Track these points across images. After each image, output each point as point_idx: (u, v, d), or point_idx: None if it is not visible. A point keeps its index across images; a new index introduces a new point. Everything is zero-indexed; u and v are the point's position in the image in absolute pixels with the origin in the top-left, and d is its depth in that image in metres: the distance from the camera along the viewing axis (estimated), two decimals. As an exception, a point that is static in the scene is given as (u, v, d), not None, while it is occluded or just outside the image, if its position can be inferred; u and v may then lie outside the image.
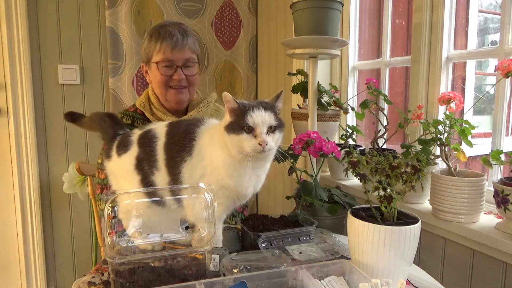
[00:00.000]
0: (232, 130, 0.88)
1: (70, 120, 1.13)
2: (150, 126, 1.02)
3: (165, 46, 1.37)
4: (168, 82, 1.40)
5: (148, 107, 1.45)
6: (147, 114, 1.43)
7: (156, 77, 1.40)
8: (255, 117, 0.88)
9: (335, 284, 0.80)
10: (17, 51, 2.11)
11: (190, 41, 1.42)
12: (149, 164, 0.96)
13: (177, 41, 1.37)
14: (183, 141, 0.95)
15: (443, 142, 1.23)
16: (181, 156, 0.94)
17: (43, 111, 2.23)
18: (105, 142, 1.06)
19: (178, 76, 1.39)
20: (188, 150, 0.94)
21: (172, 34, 1.37)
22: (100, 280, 0.91)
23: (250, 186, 0.96)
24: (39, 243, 2.25)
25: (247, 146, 0.87)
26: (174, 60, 1.38)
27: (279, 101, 0.95)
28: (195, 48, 1.44)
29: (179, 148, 0.94)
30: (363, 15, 1.99)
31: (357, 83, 2.00)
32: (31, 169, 2.20)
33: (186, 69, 1.41)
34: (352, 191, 1.59)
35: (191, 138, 0.95)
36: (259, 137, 0.87)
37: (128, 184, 0.99)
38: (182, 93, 1.42)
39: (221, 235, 1.01)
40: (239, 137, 0.88)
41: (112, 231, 0.85)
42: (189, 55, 1.41)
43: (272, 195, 2.44)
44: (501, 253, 1.06)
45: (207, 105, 1.50)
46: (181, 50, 1.38)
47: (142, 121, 1.43)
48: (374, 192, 0.89)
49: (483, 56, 1.40)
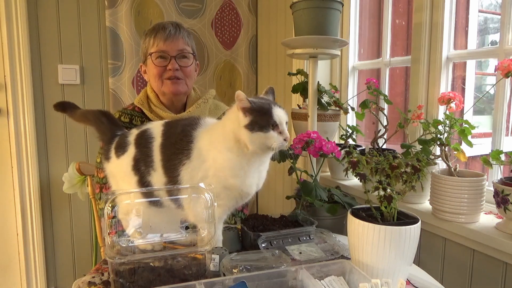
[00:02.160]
0: (259, 128, 0.88)
1: (60, 110, 1.11)
2: (147, 125, 1.02)
3: (158, 38, 1.39)
4: (163, 73, 1.40)
5: (147, 104, 1.45)
6: (145, 111, 1.43)
7: (151, 70, 1.41)
8: (278, 114, 0.91)
9: (335, 284, 0.80)
10: (17, 51, 2.11)
11: (184, 34, 1.43)
12: (146, 165, 0.96)
13: (170, 32, 1.39)
14: (181, 144, 0.94)
15: (443, 142, 1.23)
16: (179, 159, 0.93)
17: (43, 111, 2.23)
18: (104, 143, 1.05)
19: (172, 66, 1.39)
20: (186, 153, 0.93)
21: (165, 27, 1.40)
22: (100, 280, 0.91)
23: (254, 184, 0.97)
24: (39, 243, 2.25)
25: (275, 142, 0.89)
26: (168, 51, 1.39)
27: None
28: (189, 41, 1.45)
29: (177, 151, 0.94)
30: (363, 15, 1.99)
31: (357, 83, 2.00)
32: (31, 169, 2.19)
33: (180, 60, 1.41)
34: (352, 191, 1.59)
35: (188, 141, 0.94)
36: (283, 133, 0.91)
37: (126, 186, 0.99)
38: (178, 84, 1.41)
39: (221, 235, 1.01)
40: (266, 135, 0.89)
41: (112, 231, 0.85)
42: (182, 46, 1.41)
43: (272, 195, 2.44)
44: (501, 253, 1.06)
45: (205, 102, 1.50)
46: (174, 41, 1.39)
47: (140, 119, 1.43)
48: (374, 192, 0.89)
49: (483, 56, 1.40)
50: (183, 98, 1.50)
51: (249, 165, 0.94)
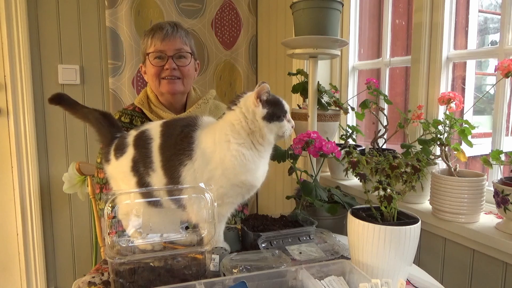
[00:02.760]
0: (276, 118, 0.95)
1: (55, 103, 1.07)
2: (145, 126, 1.02)
3: (156, 38, 1.39)
4: (160, 73, 1.40)
5: (147, 104, 1.45)
6: (145, 111, 1.43)
7: (150, 70, 1.41)
8: (286, 104, 0.99)
9: (335, 284, 0.80)
10: (17, 51, 2.11)
11: (182, 33, 1.43)
12: (145, 166, 0.96)
13: (167, 32, 1.39)
14: (181, 144, 0.94)
15: (443, 142, 1.23)
16: (179, 159, 0.93)
17: (43, 111, 2.23)
18: (103, 145, 1.05)
19: (169, 65, 1.38)
20: (188, 154, 0.93)
21: (163, 27, 1.40)
22: (100, 280, 0.91)
23: (261, 177, 1.00)
24: (39, 243, 2.25)
25: (286, 130, 0.98)
26: (165, 50, 1.39)
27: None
28: (187, 40, 1.44)
29: (177, 151, 0.94)
30: (363, 15, 1.99)
31: (357, 83, 2.00)
32: (31, 169, 2.20)
33: (178, 60, 1.41)
34: (352, 191, 1.59)
35: (190, 142, 0.94)
36: (291, 121, 0.99)
37: (126, 187, 0.99)
38: (175, 83, 1.41)
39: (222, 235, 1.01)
40: (281, 124, 0.96)
41: (112, 231, 0.85)
42: (180, 45, 1.41)
43: (272, 195, 2.44)
44: (501, 253, 1.06)
45: (205, 102, 1.50)
46: (171, 40, 1.39)
47: (141, 119, 1.43)
48: (374, 192, 0.89)
49: (483, 56, 1.40)
50: (182, 98, 1.50)
51: (259, 158, 0.97)
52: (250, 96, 0.95)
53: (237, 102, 0.97)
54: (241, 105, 0.95)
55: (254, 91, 0.94)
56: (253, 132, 0.95)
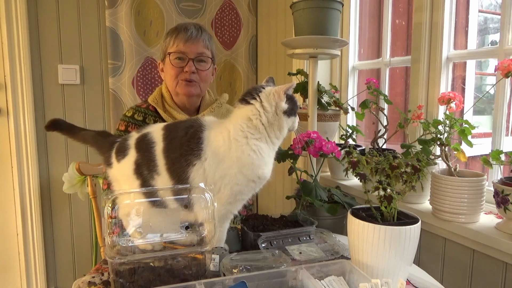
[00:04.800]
0: (294, 113, 1.01)
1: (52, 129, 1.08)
2: (147, 129, 1.01)
3: (179, 39, 1.39)
4: (179, 74, 1.40)
5: (161, 103, 1.44)
6: (159, 110, 1.42)
7: (169, 69, 1.41)
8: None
9: (335, 284, 0.80)
10: (17, 51, 2.11)
11: (206, 37, 1.43)
12: (149, 169, 0.95)
13: (191, 34, 1.39)
14: (188, 145, 0.93)
15: (443, 142, 1.23)
16: (187, 160, 0.93)
17: (43, 111, 2.23)
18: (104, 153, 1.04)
19: (189, 68, 1.38)
20: (197, 154, 0.92)
21: (188, 28, 1.40)
22: (100, 280, 0.91)
23: (271, 169, 1.01)
24: (39, 243, 2.25)
25: (297, 125, 1.04)
26: (187, 52, 1.39)
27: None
28: (209, 45, 1.45)
29: (184, 152, 0.93)
30: (363, 15, 1.99)
31: (357, 83, 2.00)
32: (31, 169, 2.20)
33: (198, 64, 1.41)
34: (352, 191, 1.59)
35: (198, 142, 0.93)
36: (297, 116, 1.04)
37: (129, 188, 0.98)
38: (191, 86, 1.41)
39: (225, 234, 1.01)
40: (295, 119, 1.02)
41: (112, 231, 0.85)
42: (202, 49, 1.41)
43: (272, 195, 2.44)
44: (501, 253, 1.06)
45: (219, 106, 1.50)
46: (194, 43, 1.39)
47: (154, 118, 1.43)
48: (374, 192, 0.89)
49: (483, 56, 1.40)
50: (197, 101, 1.49)
51: (273, 151, 1.01)
52: (276, 90, 0.97)
53: (255, 96, 0.97)
54: (263, 98, 0.97)
55: (282, 86, 0.97)
56: (272, 124, 0.97)
